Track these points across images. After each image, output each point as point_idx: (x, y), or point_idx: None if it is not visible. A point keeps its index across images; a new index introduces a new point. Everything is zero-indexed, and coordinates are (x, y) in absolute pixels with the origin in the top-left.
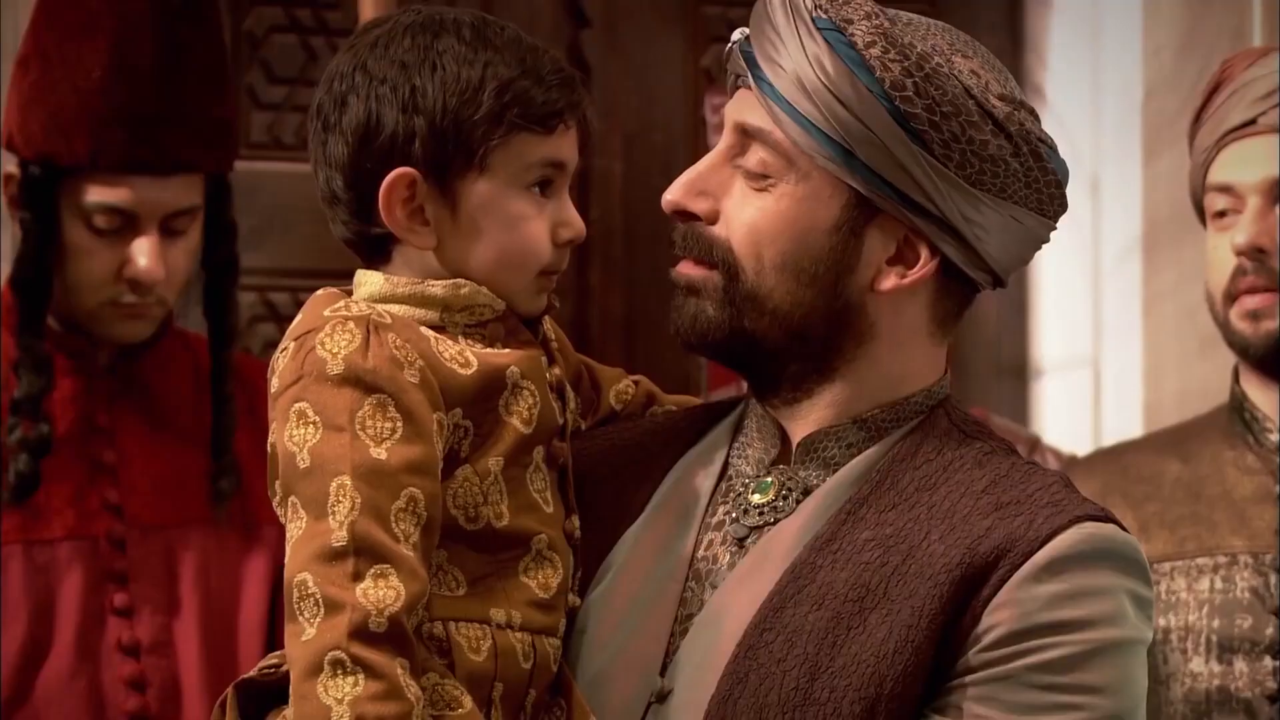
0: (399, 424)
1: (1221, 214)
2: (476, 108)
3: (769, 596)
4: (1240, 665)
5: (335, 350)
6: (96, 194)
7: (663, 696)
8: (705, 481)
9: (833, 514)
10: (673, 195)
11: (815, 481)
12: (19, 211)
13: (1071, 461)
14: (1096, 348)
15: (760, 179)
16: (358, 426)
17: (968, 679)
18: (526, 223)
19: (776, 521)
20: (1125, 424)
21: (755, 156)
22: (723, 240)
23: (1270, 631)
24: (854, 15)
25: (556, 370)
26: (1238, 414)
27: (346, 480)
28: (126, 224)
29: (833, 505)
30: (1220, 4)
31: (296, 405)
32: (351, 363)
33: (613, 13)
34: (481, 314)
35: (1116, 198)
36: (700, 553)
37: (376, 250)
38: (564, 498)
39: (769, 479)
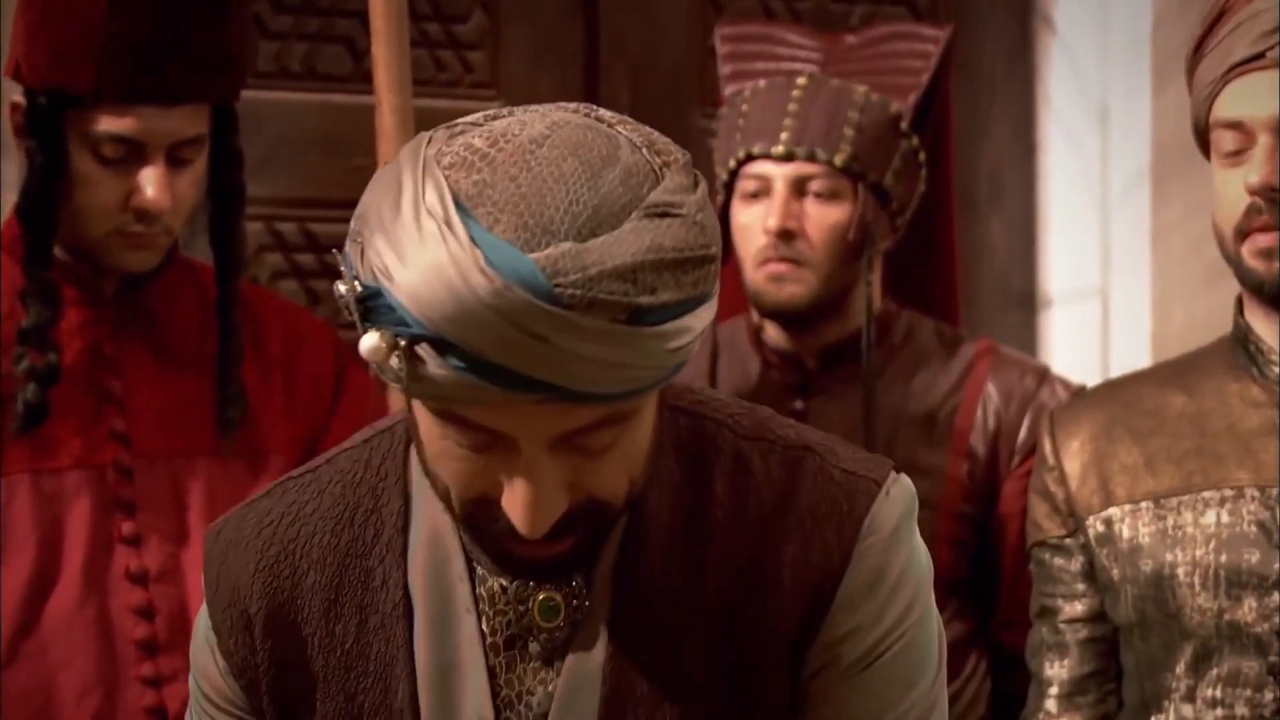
0: None
1: (1231, 151)
2: None
3: (600, 715)
4: (1249, 600)
5: None
6: (102, 124)
7: None
8: (459, 589)
9: (622, 599)
10: (538, 528)
11: (589, 563)
12: (25, 141)
13: (1077, 394)
14: (1105, 278)
15: (609, 447)
16: None
17: (819, 697)
18: None
19: (575, 629)
20: (1133, 354)
21: (599, 439)
22: (590, 507)
23: (1278, 566)
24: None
25: None
26: (1241, 346)
27: None
28: (133, 153)
29: (614, 589)
30: None
31: None
32: None
33: None
34: None
35: (1125, 128)
36: (500, 679)
37: None
38: None
39: (553, 600)
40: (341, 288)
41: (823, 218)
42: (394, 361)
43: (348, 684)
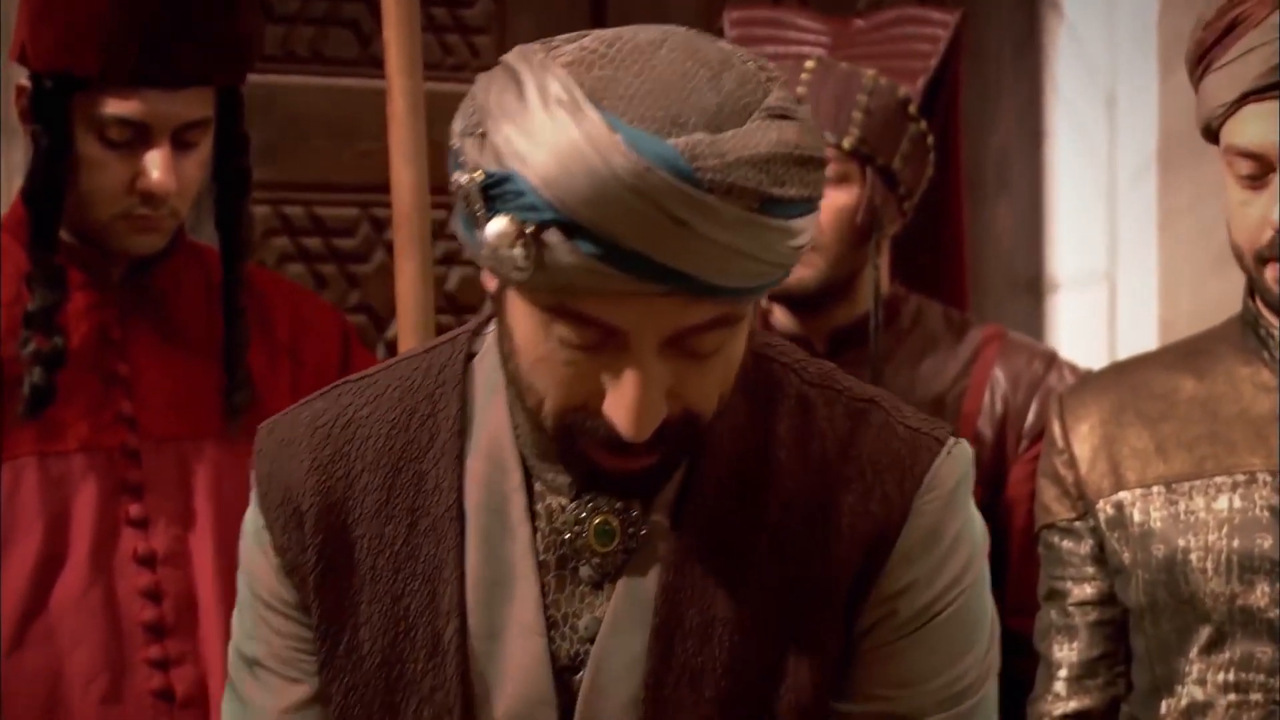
0: None
1: (1248, 175)
2: None
3: (649, 644)
4: (1261, 585)
5: None
6: (108, 107)
7: None
8: (514, 501)
9: (681, 531)
10: (642, 432)
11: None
12: (31, 124)
13: (1084, 377)
14: (1112, 264)
15: (714, 352)
16: None
17: (868, 659)
18: None
19: (629, 557)
20: (1140, 340)
21: (706, 342)
22: (684, 419)
23: None
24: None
25: None
26: (1252, 331)
27: None
28: (138, 136)
29: (673, 520)
30: None
31: None
32: None
33: None
34: None
35: (1132, 114)
36: (550, 597)
37: None
38: None
39: (608, 524)
40: (462, 178)
41: (831, 201)
42: (518, 250)
43: (395, 585)
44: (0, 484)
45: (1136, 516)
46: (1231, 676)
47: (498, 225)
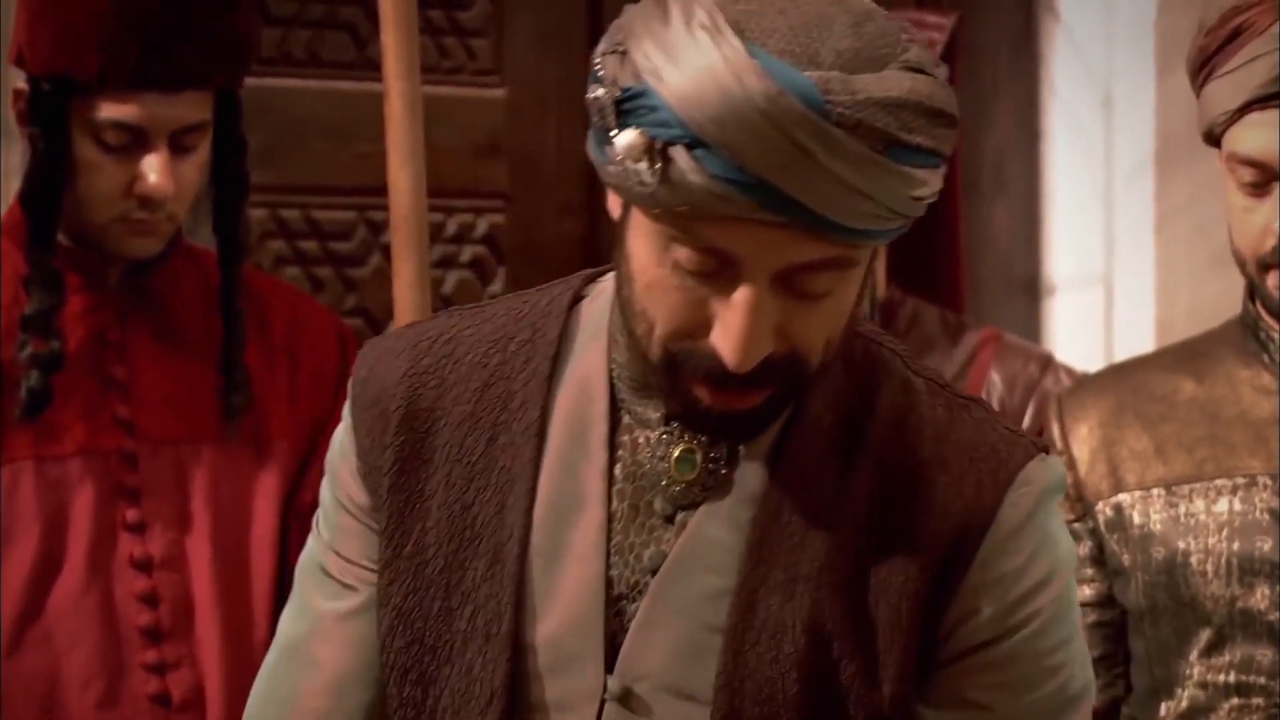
0: None
1: (1250, 183)
2: None
3: (736, 590)
4: (1261, 588)
5: None
6: (106, 110)
7: (622, 696)
8: (596, 428)
9: (772, 484)
10: (746, 362)
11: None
12: (28, 128)
13: (1082, 379)
14: (1108, 265)
15: (824, 295)
16: None
17: (958, 666)
18: None
19: (706, 494)
20: (1137, 341)
21: (818, 282)
22: (789, 359)
23: None
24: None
25: None
26: (1251, 333)
27: None
28: (136, 140)
29: (764, 472)
30: None
31: None
32: None
33: None
34: None
35: (1129, 114)
36: (617, 524)
37: None
38: None
39: (691, 451)
40: (598, 91)
41: None
42: (644, 164)
43: (466, 494)
44: None
45: (1136, 518)
46: (1232, 679)
47: (627, 137)
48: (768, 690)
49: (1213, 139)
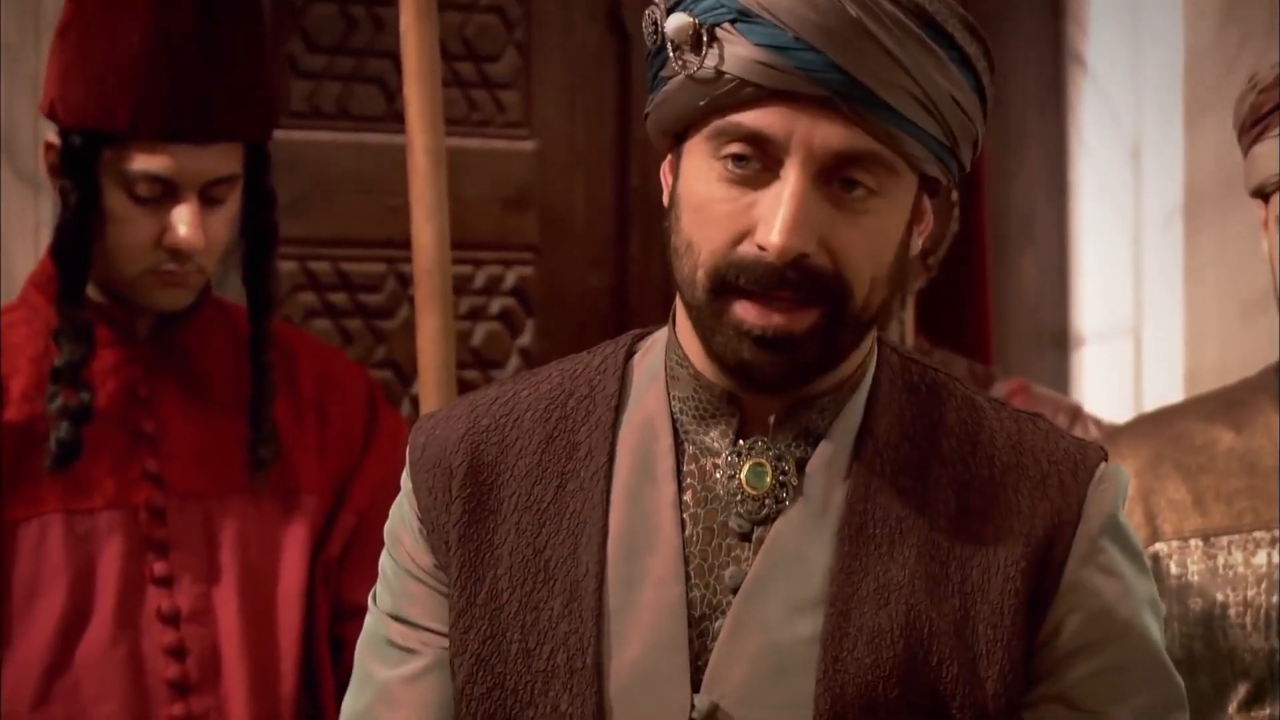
0: None
1: None
2: None
3: (830, 600)
4: None
5: None
6: (137, 162)
7: (709, 713)
8: (663, 462)
9: (852, 497)
10: (789, 243)
11: (801, 453)
12: (59, 180)
13: (1120, 427)
14: (1137, 316)
15: (862, 201)
16: None
17: (1057, 673)
18: None
19: (780, 508)
20: (1166, 393)
21: (857, 181)
22: (834, 277)
23: None
24: (942, 12)
25: None
26: None
27: None
28: (166, 192)
29: (838, 482)
30: None
31: None
32: None
33: None
34: None
35: (1158, 165)
36: (694, 548)
37: None
38: None
39: (761, 465)
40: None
41: None
42: (691, 51)
43: (538, 539)
44: (26, 540)
45: (1174, 569)
46: None
47: (678, 19)
48: (869, 696)
49: (1262, 195)
